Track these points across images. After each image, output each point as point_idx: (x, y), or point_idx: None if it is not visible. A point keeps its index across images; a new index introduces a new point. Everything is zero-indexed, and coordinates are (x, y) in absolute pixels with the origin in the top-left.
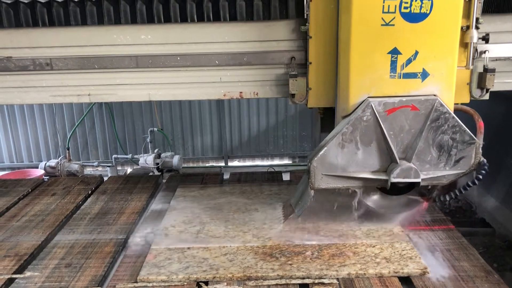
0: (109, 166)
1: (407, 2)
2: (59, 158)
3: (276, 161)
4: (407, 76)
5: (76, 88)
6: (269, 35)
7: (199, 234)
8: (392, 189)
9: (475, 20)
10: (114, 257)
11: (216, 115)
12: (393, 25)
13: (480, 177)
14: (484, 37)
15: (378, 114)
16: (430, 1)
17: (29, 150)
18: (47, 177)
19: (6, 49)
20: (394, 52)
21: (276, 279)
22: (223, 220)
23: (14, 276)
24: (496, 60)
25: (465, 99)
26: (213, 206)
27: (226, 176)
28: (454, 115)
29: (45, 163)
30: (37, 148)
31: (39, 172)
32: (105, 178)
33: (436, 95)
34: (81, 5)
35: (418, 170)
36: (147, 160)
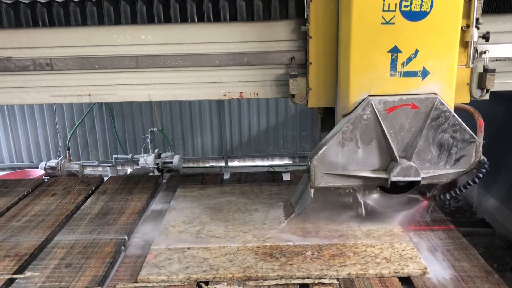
0: (109, 166)
1: (407, 1)
2: (59, 158)
3: (276, 161)
4: (407, 74)
5: (76, 88)
6: (269, 35)
7: (199, 234)
8: (392, 188)
9: (475, 21)
10: (114, 257)
11: (216, 115)
12: (393, 23)
13: (480, 176)
14: (485, 36)
15: (378, 113)
16: None
17: (29, 150)
18: (47, 177)
19: (6, 49)
20: (395, 50)
21: (276, 279)
22: (223, 220)
23: (14, 276)
24: (496, 60)
25: (465, 99)
26: (213, 206)
27: (226, 176)
28: (455, 113)
29: (45, 163)
30: (37, 148)
31: (39, 172)
32: (105, 178)
33: (436, 94)
34: (81, 5)
35: (418, 168)
36: (147, 160)
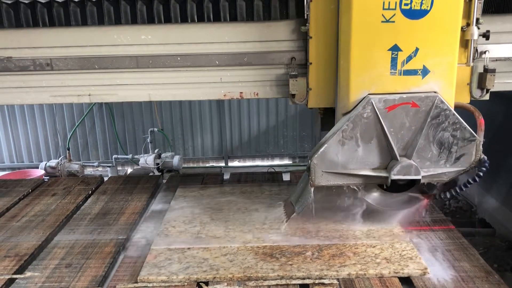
0: (109, 166)
1: None
2: (59, 158)
3: (277, 161)
4: (407, 73)
5: (77, 88)
6: (269, 36)
7: (199, 234)
8: (393, 187)
9: (476, 21)
10: (114, 257)
11: (216, 115)
12: (393, 21)
13: (480, 174)
14: (485, 34)
15: (379, 111)
16: None
17: (30, 150)
18: (48, 177)
19: (6, 49)
20: (395, 49)
21: (276, 279)
22: (223, 220)
23: (14, 276)
24: (496, 60)
25: (466, 99)
26: (213, 206)
27: (226, 176)
28: (455, 112)
29: (46, 163)
30: (38, 148)
31: (39, 172)
32: (106, 178)
33: (436, 92)
34: (82, 6)
35: (419, 167)
36: (147, 160)
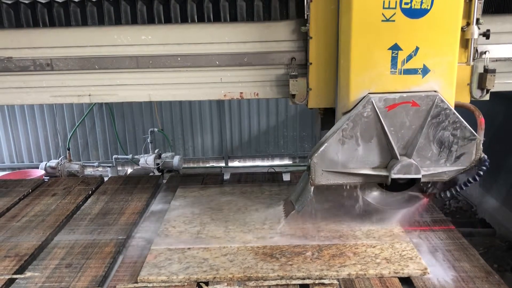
0: (109, 166)
1: None
2: (59, 159)
3: (277, 162)
4: (407, 72)
5: (77, 88)
6: (270, 36)
7: (200, 234)
8: (393, 186)
9: (476, 21)
10: (114, 257)
11: (216, 116)
12: (393, 21)
13: (481, 174)
14: (485, 33)
15: (379, 110)
16: None
17: (30, 151)
18: (48, 178)
19: (6, 50)
20: (395, 48)
21: (276, 279)
22: (223, 220)
23: (14, 276)
24: (496, 60)
25: (466, 99)
26: (213, 206)
27: (227, 176)
28: (455, 111)
29: (46, 164)
30: (38, 148)
31: (39, 172)
32: (106, 179)
33: (436, 91)
34: (82, 6)
35: (419, 166)
36: (147, 160)
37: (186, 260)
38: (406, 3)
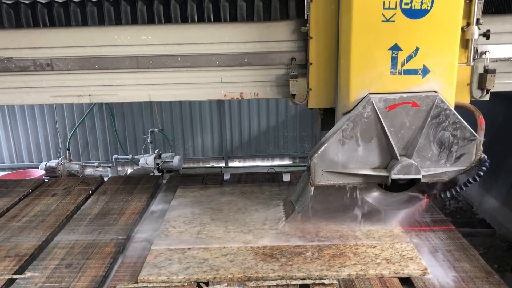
0: (109, 166)
1: None
2: (59, 159)
3: (277, 162)
4: (407, 72)
5: (77, 88)
6: (270, 36)
7: (200, 234)
8: (393, 186)
9: (476, 21)
10: (114, 257)
11: (216, 116)
12: (393, 21)
13: (481, 174)
14: (485, 33)
15: (379, 111)
16: None
17: (30, 151)
18: (48, 178)
19: (6, 50)
20: (395, 48)
21: (276, 279)
22: (224, 220)
23: (14, 276)
24: (496, 61)
25: (466, 100)
26: (213, 206)
27: (227, 176)
28: (455, 111)
29: (46, 164)
30: (38, 148)
31: (39, 172)
32: (106, 179)
33: (436, 92)
34: (82, 6)
35: (419, 166)
36: (147, 160)
37: (186, 260)
38: (406, 4)
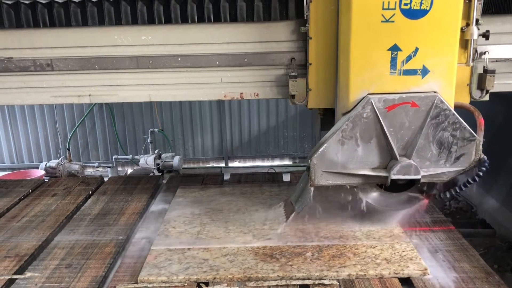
0: (109, 166)
1: None
2: (59, 159)
3: (277, 162)
4: (407, 72)
5: (77, 88)
6: (269, 36)
7: (200, 234)
8: (392, 186)
9: (475, 22)
10: (114, 257)
11: (216, 116)
12: (393, 21)
13: (480, 174)
14: (485, 34)
15: (378, 111)
16: None
17: (30, 151)
18: (48, 178)
19: (7, 50)
20: (394, 48)
21: (276, 280)
22: (224, 221)
23: (14, 276)
24: (496, 61)
25: (465, 100)
26: (213, 207)
27: (227, 176)
28: (454, 112)
29: (46, 164)
30: (38, 148)
31: (39, 172)
32: (106, 179)
33: (436, 92)
34: (82, 6)
35: (418, 167)
36: (147, 160)
37: (186, 261)
38: (405, 4)
